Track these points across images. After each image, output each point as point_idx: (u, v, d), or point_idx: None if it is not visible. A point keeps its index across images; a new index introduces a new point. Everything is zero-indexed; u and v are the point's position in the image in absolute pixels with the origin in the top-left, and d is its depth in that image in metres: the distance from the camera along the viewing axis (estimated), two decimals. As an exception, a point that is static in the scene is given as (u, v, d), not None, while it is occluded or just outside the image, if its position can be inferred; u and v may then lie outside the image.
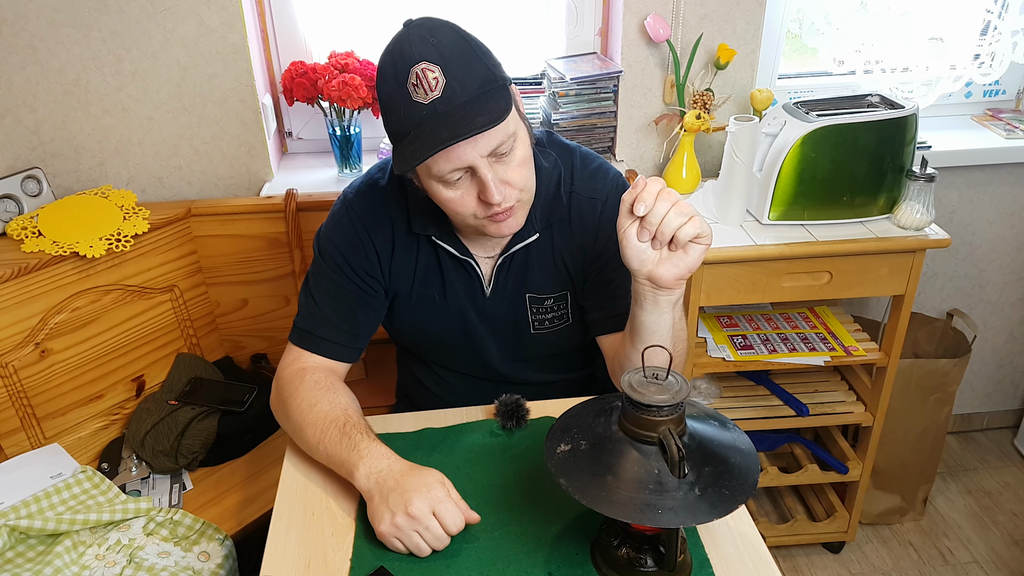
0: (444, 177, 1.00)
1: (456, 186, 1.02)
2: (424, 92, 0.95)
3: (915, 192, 1.57)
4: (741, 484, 0.80)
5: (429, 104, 0.95)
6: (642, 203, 0.91)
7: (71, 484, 1.39)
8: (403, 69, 0.95)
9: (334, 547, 0.97)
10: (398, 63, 0.96)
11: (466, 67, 0.96)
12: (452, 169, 0.99)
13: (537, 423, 1.15)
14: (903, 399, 1.86)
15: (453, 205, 1.04)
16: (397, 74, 0.96)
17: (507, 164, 1.02)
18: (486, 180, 0.99)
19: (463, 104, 0.95)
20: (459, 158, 0.97)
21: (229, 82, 1.68)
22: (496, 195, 1.00)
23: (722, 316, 1.87)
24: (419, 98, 0.95)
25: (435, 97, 0.95)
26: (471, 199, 1.03)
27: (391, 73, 0.97)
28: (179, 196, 1.79)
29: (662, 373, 0.82)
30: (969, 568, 1.95)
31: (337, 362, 1.18)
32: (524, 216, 1.10)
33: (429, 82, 0.94)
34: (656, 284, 0.96)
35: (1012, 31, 1.78)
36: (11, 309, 1.45)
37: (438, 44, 0.95)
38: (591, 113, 1.77)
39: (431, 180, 1.02)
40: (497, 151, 0.99)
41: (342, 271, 1.16)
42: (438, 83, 0.94)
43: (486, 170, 0.99)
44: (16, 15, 1.57)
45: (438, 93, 0.95)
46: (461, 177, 1.01)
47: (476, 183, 1.01)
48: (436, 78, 0.94)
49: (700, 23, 1.75)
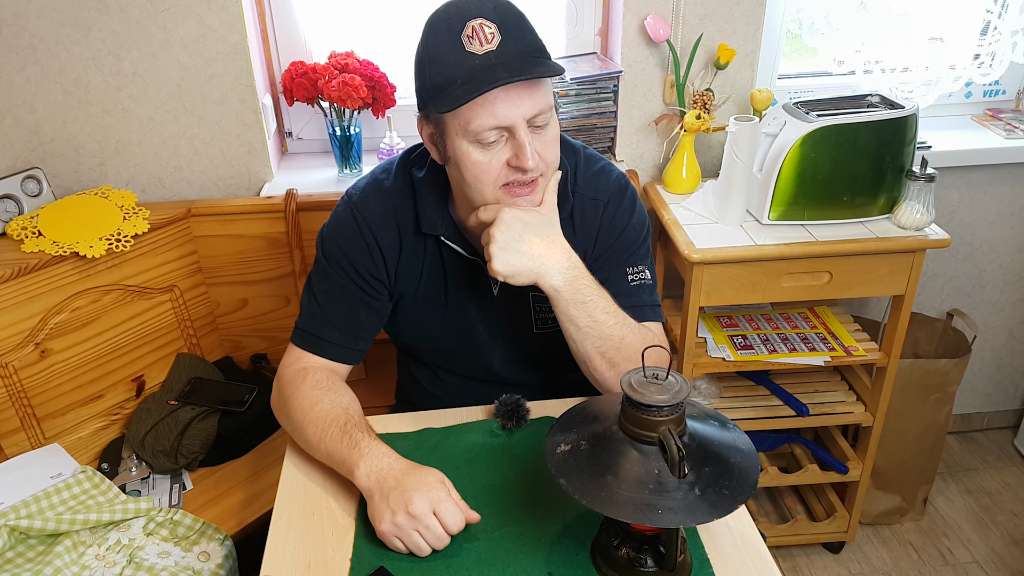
0: (481, 135, 1.00)
1: (489, 148, 1.01)
2: (480, 43, 0.96)
3: (915, 192, 1.57)
4: (741, 484, 0.80)
5: (483, 55, 0.96)
6: None
7: (71, 484, 1.39)
8: (458, 22, 0.96)
9: (334, 547, 0.97)
10: (452, 17, 0.97)
11: (523, 30, 0.98)
12: (493, 126, 0.99)
13: (537, 423, 1.15)
14: (903, 399, 1.86)
15: (479, 170, 1.03)
16: (451, 27, 0.97)
17: (542, 136, 1.03)
18: (523, 143, 1.00)
19: (519, 58, 0.97)
20: (504, 114, 0.98)
21: (229, 82, 1.68)
22: (531, 160, 1.01)
23: (722, 316, 1.87)
24: (473, 48, 0.96)
25: (490, 49, 0.96)
26: (499, 164, 1.02)
27: (444, 27, 0.98)
28: (179, 196, 1.79)
29: (662, 373, 0.82)
30: (969, 568, 1.95)
31: (339, 363, 1.18)
32: (542, 193, 1.09)
33: (485, 35, 0.96)
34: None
35: (1012, 31, 1.78)
36: (11, 309, 1.45)
37: (497, 6, 0.97)
38: (591, 113, 1.77)
39: (464, 140, 1.01)
40: (536, 120, 1.00)
41: (345, 273, 1.16)
42: (494, 37, 0.96)
43: (525, 134, 1.00)
44: (16, 15, 1.57)
45: (493, 47, 0.96)
46: (496, 139, 1.01)
47: (511, 147, 1.01)
48: (493, 33, 0.96)
49: (700, 23, 1.75)
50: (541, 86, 0.99)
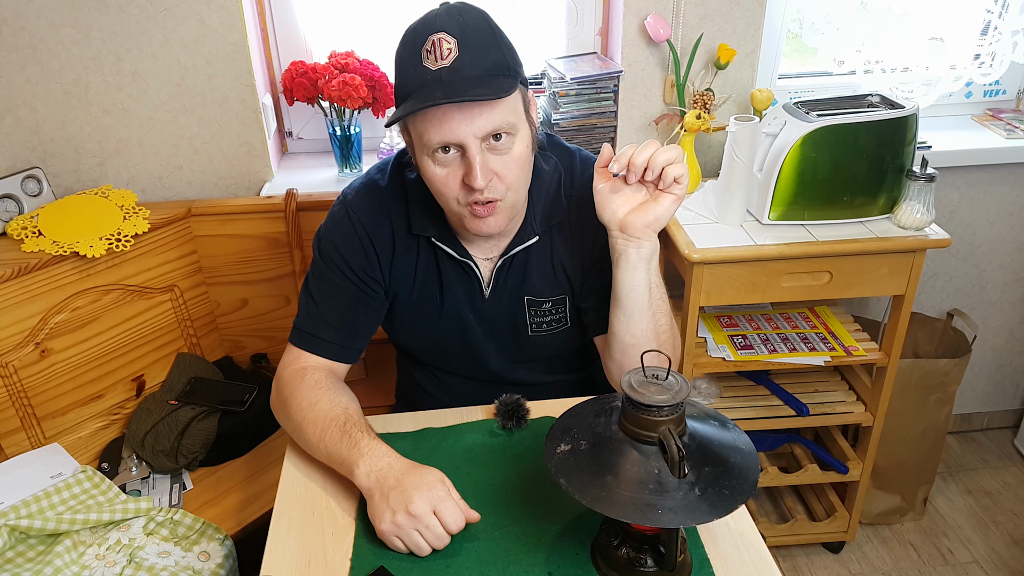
0: (433, 150, 1.01)
1: (445, 164, 1.02)
2: (435, 59, 0.97)
3: (915, 192, 1.57)
4: (741, 484, 0.80)
5: (436, 71, 0.97)
6: (616, 163, 1.00)
7: (71, 484, 1.39)
8: (422, 35, 0.98)
9: (334, 547, 0.97)
10: (419, 29, 0.99)
11: (482, 48, 0.98)
12: (442, 141, 0.99)
13: (537, 423, 1.15)
14: (903, 399, 1.86)
15: (438, 183, 1.04)
16: (416, 39, 0.99)
17: (501, 156, 1.02)
18: (473, 162, 1.00)
19: (468, 78, 0.97)
20: (451, 131, 0.98)
21: (229, 82, 1.68)
22: (480, 180, 1.00)
23: (722, 316, 1.87)
24: (428, 63, 0.97)
25: (443, 66, 0.97)
26: (455, 181, 1.03)
27: (411, 38, 1.00)
28: (179, 196, 1.79)
29: (662, 373, 0.82)
30: (969, 568, 1.95)
31: (337, 362, 1.18)
32: (506, 220, 1.09)
33: (442, 51, 0.97)
34: (627, 233, 1.03)
35: (1012, 31, 1.78)
36: (11, 309, 1.45)
37: (463, 22, 0.98)
38: (591, 113, 1.77)
39: (423, 155, 1.03)
40: (492, 137, 1.00)
41: (342, 272, 1.16)
42: (450, 54, 0.97)
43: (475, 152, 0.99)
44: (16, 15, 1.57)
45: (447, 63, 0.97)
46: (452, 154, 1.01)
47: (464, 164, 1.01)
48: (450, 49, 0.97)
49: (700, 23, 1.75)
50: (500, 105, 0.99)
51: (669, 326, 1.11)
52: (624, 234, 1.04)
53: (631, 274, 1.05)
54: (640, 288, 1.06)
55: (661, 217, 1.02)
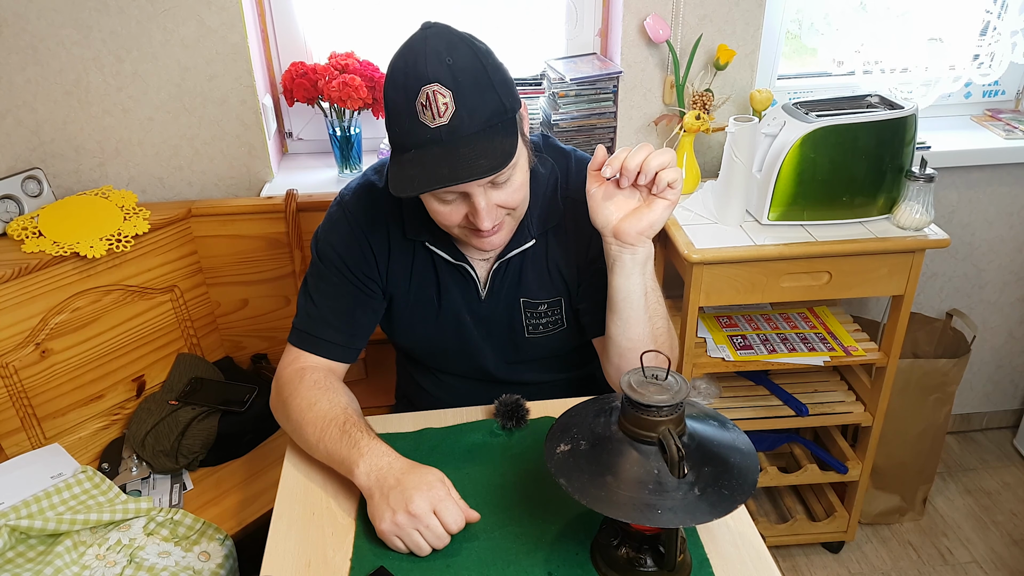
0: (439, 195, 1.02)
1: (448, 202, 1.03)
2: (432, 116, 0.94)
3: (914, 192, 1.57)
4: (741, 484, 0.80)
5: (435, 129, 0.94)
6: (609, 167, 0.99)
7: (71, 484, 1.39)
8: (414, 86, 0.94)
9: (334, 547, 0.97)
10: (410, 76, 0.94)
11: (478, 96, 0.95)
12: (448, 190, 1.00)
13: (537, 423, 1.15)
14: (903, 399, 1.86)
15: (441, 217, 1.05)
16: (408, 88, 0.94)
17: (503, 189, 1.03)
18: (479, 208, 1.00)
19: (468, 137, 0.95)
20: (456, 187, 0.98)
21: (229, 83, 1.68)
22: (487, 222, 1.02)
23: (722, 316, 1.87)
24: (426, 120, 0.94)
25: (442, 124, 0.94)
26: (459, 216, 1.04)
27: (401, 83, 0.95)
28: (179, 196, 1.79)
29: (661, 373, 0.83)
30: (969, 568, 1.95)
31: (336, 362, 1.18)
32: (511, 232, 1.11)
33: (439, 106, 0.93)
34: (621, 240, 1.02)
35: (1012, 31, 1.79)
36: (11, 309, 1.45)
37: (453, 65, 0.93)
38: (591, 114, 1.77)
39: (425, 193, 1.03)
40: (495, 180, 1.00)
41: (340, 272, 1.16)
42: (447, 109, 0.94)
43: (480, 197, 1.00)
44: (17, 16, 1.57)
45: (445, 120, 0.94)
46: (454, 197, 1.02)
47: (468, 204, 1.02)
48: (446, 104, 0.93)
49: (700, 23, 1.75)
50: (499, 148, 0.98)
51: (666, 329, 1.11)
52: (618, 240, 1.03)
53: (626, 279, 1.05)
54: (636, 293, 1.06)
55: (655, 223, 1.01)
